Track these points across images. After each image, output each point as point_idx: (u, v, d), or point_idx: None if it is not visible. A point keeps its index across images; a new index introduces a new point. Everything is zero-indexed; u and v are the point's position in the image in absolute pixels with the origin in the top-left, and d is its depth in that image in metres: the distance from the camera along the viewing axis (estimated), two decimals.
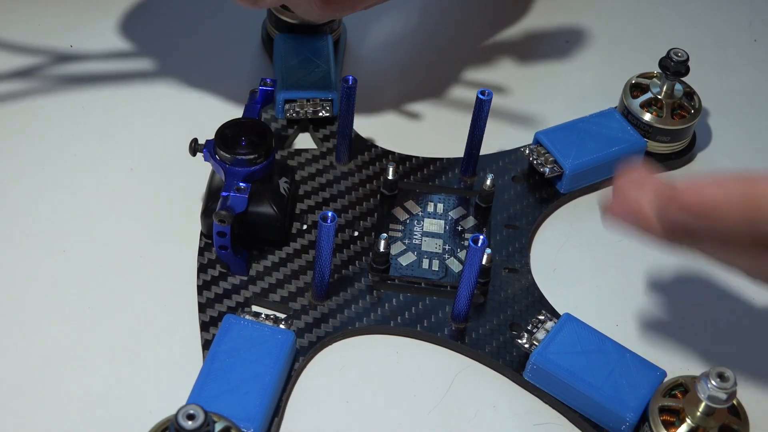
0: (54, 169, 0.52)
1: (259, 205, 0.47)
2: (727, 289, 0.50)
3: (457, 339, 0.46)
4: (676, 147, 0.55)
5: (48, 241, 0.48)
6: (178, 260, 0.48)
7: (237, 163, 0.46)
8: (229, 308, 0.46)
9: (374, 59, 0.60)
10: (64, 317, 0.46)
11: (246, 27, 0.60)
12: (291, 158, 0.53)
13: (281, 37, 0.57)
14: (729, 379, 0.39)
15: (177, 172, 0.52)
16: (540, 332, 0.45)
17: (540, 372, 0.44)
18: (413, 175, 0.53)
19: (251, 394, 0.41)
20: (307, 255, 0.48)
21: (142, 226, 0.50)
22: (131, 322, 0.46)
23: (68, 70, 0.57)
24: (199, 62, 0.58)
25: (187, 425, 0.35)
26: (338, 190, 0.52)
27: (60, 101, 0.55)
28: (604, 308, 0.48)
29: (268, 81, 0.50)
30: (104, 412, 0.43)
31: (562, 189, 0.52)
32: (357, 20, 0.61)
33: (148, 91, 0.56)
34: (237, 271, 0.47)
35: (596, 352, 0.44)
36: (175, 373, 0.44)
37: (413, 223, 0.50)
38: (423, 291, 0.48)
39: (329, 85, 0.54)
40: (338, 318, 0.46)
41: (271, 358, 0.42)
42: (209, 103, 0.56)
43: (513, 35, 0.62)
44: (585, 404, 0.43)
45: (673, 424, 0.41)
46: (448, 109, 0.57)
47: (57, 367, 0.44)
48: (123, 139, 0.54)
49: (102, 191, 0.51)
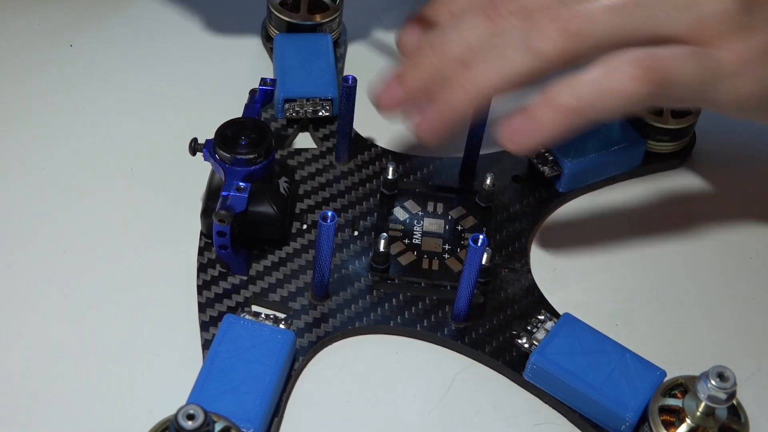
0: (54, 169, 0.52)
1: (259, 204, 0.47)
2: (728, 289, 0.50)
3: (457, 339, 0.46)
4: (675, 147, 0.55)
5: (48, 241, 0.49)
6: (178, 260, 0.48)
7: (237, 162, 0.46)
8: (229, 308, 0.46)
9: (374, 59, 0.60)
10: (64, 317, 0.46)
11: (246, 27, 0.60)
12: (291, 158, 0.53)
13: (281, 37, 0.57)
14: (729, 379, 0.39)
15: (177, 172, 0.52)
16: (540, 332, 0.45)
17: (540, 372, 0.44)
18: (413, 175, 0.53)
19: (251, 394, 0.41)
20: (307, 255, 0.48)
21: (142, 226, 0.50)
22: (131, 322, 0.46)
23: (68, 70, 0.57)
24: (199, 62, 0.58)
25: (187, 425, 0.35)
26: (338, 190, 0.52)
27: (60, 101, 0.55)
28: (604, 308, 0.48)
29: (268, 81, 0.50)
30: (104, 412, 0.43)
31: (561, 188, 0.53)
32: (357, 20, 0.61)
33: (148, 91, 0.56)
34: (237, 270, 0.47)
35: (596, 352, 0.44)
36: (175, 373, 0.44)
37: (413, 223, 0.50)
38: (423, 291, 0.48)
39: (329, 85, 0.54)
40: (338, 318, 0.46)
41: (271, 358, 0.42)
42: (209, 103, 0.56)
43: None
44: (585, 404, 0.43)
45: (673, 424, 0.41)
46: None
47: (57, 367, 0.44)
48: (123, 139, 0.54)
49: (102, 191, 0.51)
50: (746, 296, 0.50)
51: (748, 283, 0.50)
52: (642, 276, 0.50)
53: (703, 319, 0.49)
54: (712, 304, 0.49)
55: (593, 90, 0.42)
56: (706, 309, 0.49)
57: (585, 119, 0.42)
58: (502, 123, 0.43)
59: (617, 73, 0.41)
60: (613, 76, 0.41)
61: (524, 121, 0.43)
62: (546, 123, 0.42)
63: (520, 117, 0.43)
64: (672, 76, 0.41)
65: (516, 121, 0.43)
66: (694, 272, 0.51)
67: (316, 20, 0.57)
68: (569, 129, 0.42)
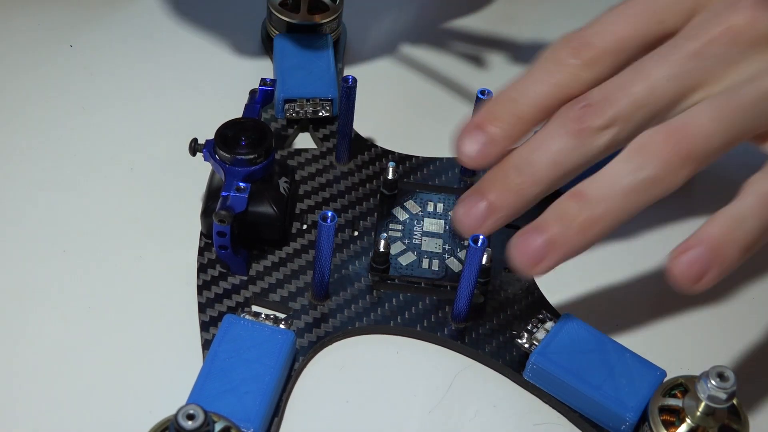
0: (54, 169, 0.52)
1: (259, 205, 0.47)
2: (728, 289, 0.50)
3: (457, 339, 0.46)
4: None
5: (48, 241, 0.48)
6: (178, 260, 0.48)
7: (237, 162, 0.46)
8: (229, 308, 0.46)
9: (374, 59, 0.60)
10: (64, 317, 0.46)
11: (246, 27, 0.60)
12: (291, 158, 0.53)
13: (281, 37, 0.57)
14: (729, 379, 0.39)
15: (177, 172, 0.52)
16: (540, 332, 0.45)
17: (540, 372, 0.44)
18: (413, 175, 0.53)
19: (251, 394, 0.41)
20: (307, 255, 0.48)
21: (142, 226, 0.50)
22: (131, 322, 0.46)
23: (68, 70, 0.57)
24: (199, 62, 0.58)
25: (187, 425, 0.35)
26: (338, 190, 0.52)
27: (60, 101, 0.55)
28: (604, 308, 0.48)
29: (268, 81, 0.50)
30: (104, 412, 0.43)
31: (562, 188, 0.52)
32: (357, 20, 0.61)
33: (147, 91, 0.56)
34: (237, 271, 0.47)
35: (596, 352, 0.44)
36: (175, 373, 0.44)
37: (413, 223, 0.50)
38: (423, 291, 0.48)
39: (329, 85, 0.54)
40: (338, 318, 0.46)
41: (271, 358, 0.42)
42: (209, 103, 0.56)
43: (514, 35, 0.62)
44: (585, 404, 0.43)
45: (673, 424, 0.41)
46: (448, 109, 0.57)
47: (56, 367, 0.44)
48: (123, 139, 0.54)
49: (102, 191, 0.51)
50: (746, 296, 0.50)
51: (748, 283, 0.50)
52: (642, 276, 0.50)
53: (703, 319, 0.49)
54: (712, 304, 0.49)
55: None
56: (706, 309, 0.49)
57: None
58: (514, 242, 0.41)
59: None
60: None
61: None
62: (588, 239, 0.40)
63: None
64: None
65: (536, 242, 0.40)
66: None
67: (316, 20, 0.57)
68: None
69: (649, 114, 0.41)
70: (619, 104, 0.41)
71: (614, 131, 0.41)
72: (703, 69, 0.41)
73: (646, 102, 0.41)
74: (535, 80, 0.43)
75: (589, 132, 0.41)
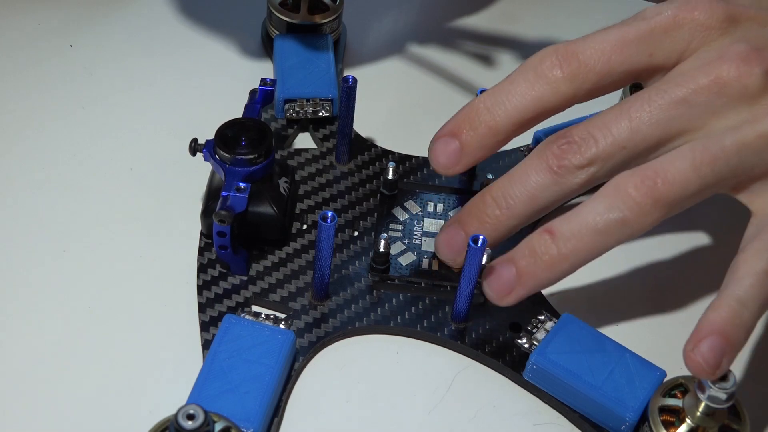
0: (54, 169, 0.52)
1: (259, 205, 0.47)
2: None
3: (457, 339, 0.46)
4: None
5: (48, 241, 0.48)
6: (178, 260, 0.48)
7: (237, 162, 0.46)
8: (229, 308, 0.46)
9: (374, 59, 0.60)
10: (64, 317, 0.46)
11: (246, 27, 0.60)
12: (291, 158, 0.53)
13: (281, 37, 0.57)
14: (729, 379, 0.39)
15: (177, 172, 0.52)
16: (540, 332, 0.45)
17: (540, 372, 0.44)
18: (413, 175, 0.53)
19: (251, 394, 0.41)
20: (307, 255, 0.48)
21: (142, 226, 0.50)
22: (131, 322, 0.46)
23: (68, 70, 0.57)
24: (199, 62, 0.58)
25: (187, 425, 0.35)
26: (338, 190, 0.52)
27: (60, 101, 0.55)
28: (604, 308, 0.48)
29: (268, 81, 0.50)
30: (104, 412, 0.43)
31: None
32: (357, 20, 0.61)
33: (148, 91, 0.56)
34: (237, 270, 0.47)
35: (596, 352, 0.44)
36: (175, 373, 0.44)
37: (413, 223, 0.50)
38: (423, 291, 0.48)
39: (329, 85, 0.54)
40: (338, 318, 0.46)
41: (271, 358, 0.42)
42: (209, 103, 0.56)
43: (514, 35, 0.62)
44: (585, 404, 0.43)
45: (673, 424, 0.41)
46: (448, 109, 0.57)
47: (57, 367, 0.44)
48: (123, 139, 0.54)
49: (102, 191, 0.51)
50: None
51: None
52: (642, 276, 0.50)
53: None
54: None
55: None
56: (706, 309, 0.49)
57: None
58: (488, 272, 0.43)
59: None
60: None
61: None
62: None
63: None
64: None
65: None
66: (695, 272, 0.51)
67: (316, 20, 0.57)
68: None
69: (629, 156, 0.42)
70: (600, 144, 0.42)
71: (592, 170, 0.42)
72: (688, 116, 0.41)
73: (627, 144, 0.42)
74: (515, 92, 0.44)
75: (567, 169, 0.42)
